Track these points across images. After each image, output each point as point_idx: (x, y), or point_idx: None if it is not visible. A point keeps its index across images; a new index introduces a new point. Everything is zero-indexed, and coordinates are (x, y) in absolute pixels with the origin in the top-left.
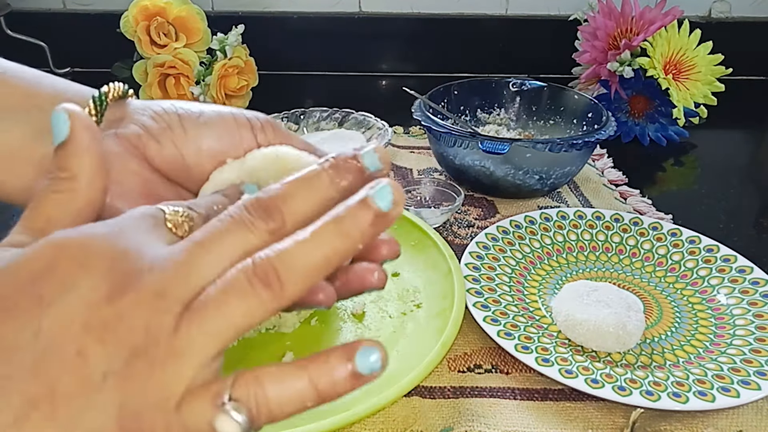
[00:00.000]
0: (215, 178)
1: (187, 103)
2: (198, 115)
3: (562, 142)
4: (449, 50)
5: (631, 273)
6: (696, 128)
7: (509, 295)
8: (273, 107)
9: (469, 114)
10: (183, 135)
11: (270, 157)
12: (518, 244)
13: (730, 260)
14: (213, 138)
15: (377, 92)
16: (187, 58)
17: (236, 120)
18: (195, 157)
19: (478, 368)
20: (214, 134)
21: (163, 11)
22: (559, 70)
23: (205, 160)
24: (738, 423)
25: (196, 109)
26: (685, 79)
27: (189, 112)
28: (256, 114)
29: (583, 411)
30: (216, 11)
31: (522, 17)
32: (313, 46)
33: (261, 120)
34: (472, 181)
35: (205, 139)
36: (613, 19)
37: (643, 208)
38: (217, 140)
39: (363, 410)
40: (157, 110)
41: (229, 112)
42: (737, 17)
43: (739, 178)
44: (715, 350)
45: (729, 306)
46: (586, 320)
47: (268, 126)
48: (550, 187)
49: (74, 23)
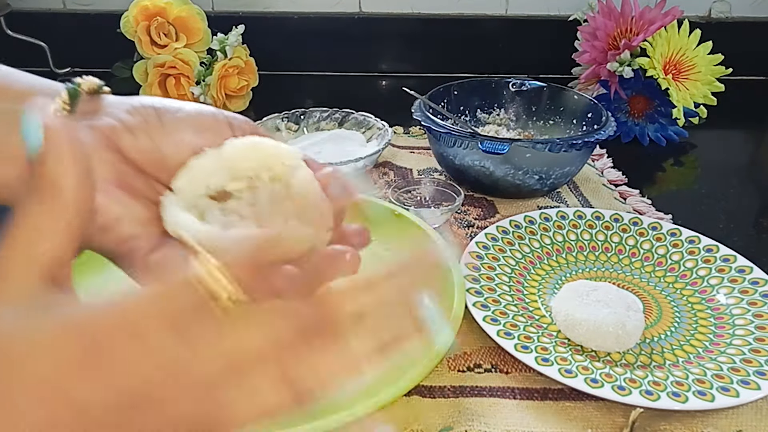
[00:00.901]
0: (193, 165)
1: (167, 100)
2: (176, 110)
3: (561, 142)
4: (449, 50)
5: (631, 273)
6: (696, 128)
7: (509, 294)
8: (273, 107)
9: (469, 114)
10: (160, 128)
11: (248, 146)
12: (518, 244)
13: (729, 260)
14: (192, 131)
15: (377, 92)
16: (188, 58)
17: (215, 117)
18: (173, 148)
19: (478, 368)
20: (193, 128)
21: (163, 11)
22: (559, 70)
23: (183, 153)
24: (737, 423)
25: (175, 105)
26: (684, 79)
27: (167, 107)
28: (235, 114)
29: (582, 410)
30: (216, 11)
31: (522, 17)
32: (313, 46)
33: (240, 119)
34: (472, 181)
35: (184, 133)
36: (613, 19)
37: (642, 208)
38: (196, 134)
39: (363, 410)
40: (135, 104)
41: (208, 110)
42: (737, 17)
43: (739, 178)
44: (714, 350)
45: (728, 306)
46: (585, 320)
47: (246, 126)
48: (550, 187)
49: (74, 23)
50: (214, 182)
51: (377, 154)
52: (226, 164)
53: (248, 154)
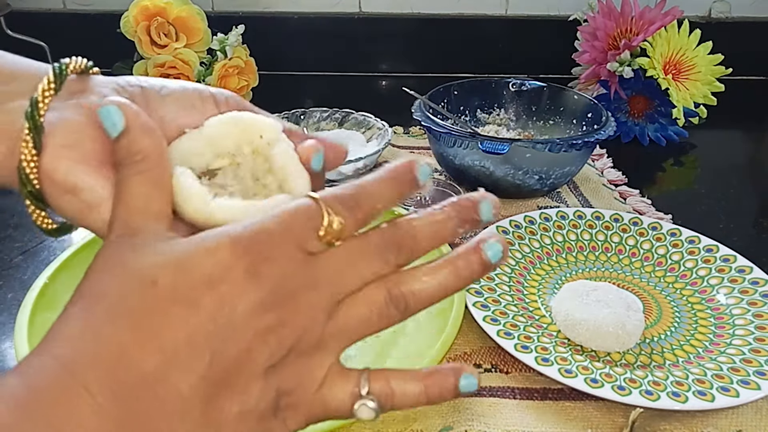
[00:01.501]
0: (175, 147)
1: (153, 78)
2: (161, 88)
3: (561, 142)
4: (449, 50)
5: (631, 273)
6: (695, 128)
7: (509, 294)
8: (273, 107)
9: (468, 114)
10: (145, 106)
11: (227, 122)
12: (518, 244)
13: (729, 260)
14: (176, 109)
15: (377, 92)
16: (188, 58)
17: (200, 94)
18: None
19: (478, 368)
20: (177, 106)
21: (163, 11)
22: (559, 71)
23: (169, 131)
24: (737, 423)
25: (159, 82)
26: (684, 79)
27: (152, 85)
28: (220, 90)
29: (582, 410)
30: (216, 11)
31: (522, 17)
32: (313, 46)
33: (225, 94)
34: (472, 181)
35: (168, 111)
36: (613, 20)
37: (642, 208)
38: (180, 111)
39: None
40: (121, 83)
41: (193, 87)
42: (737, 17)
43: (738, 178)
44: (714, 350)
45: (728, 306)
46: (585, 320)
47: (232, 100)
48: (550, 187)
49: (74, 23)
50: (197, 161)
51: (377, 154)
52: (208, 142)
53: (228, 130)
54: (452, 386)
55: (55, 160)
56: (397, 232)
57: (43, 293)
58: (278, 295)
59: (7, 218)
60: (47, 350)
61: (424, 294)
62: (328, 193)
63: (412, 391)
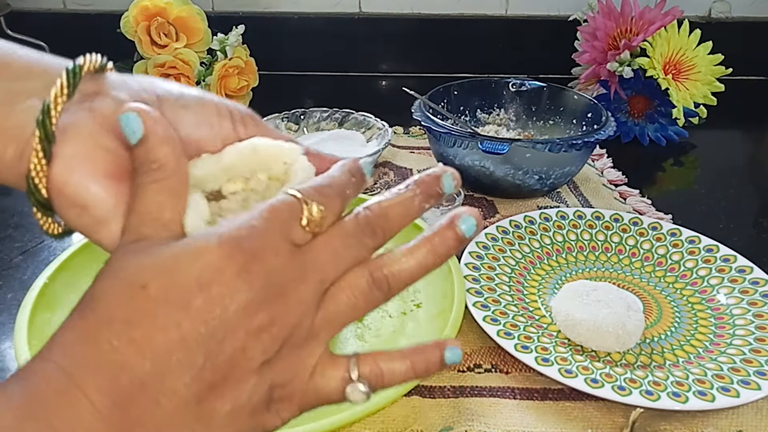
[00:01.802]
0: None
1: (168, 83)
2: (177, 98)
3: (561, 142)
4: (449, 50)
5: (631, 273)
6: (695, 128)
7: (509, 294)
8: (273, 107)
9: (468, 114)
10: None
11: (246, 152)
12: (518, 244)
13: (729, 260)
14: (192, 124)
15: (377, 92)
16: (188, 58)
17: (218, 108)
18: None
19: (478, 368)
20: (193, 120)
21: (163, 11)
22: (559, 71)
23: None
24: (738, 423)
25: (176, 90)
26: (684, 79)
27: (169, 93)
28: (237, 105)
29: (582, 411)
30: (216, 11)
31: (522, 17)
32: (313, 46)
33: (242, 111)
34: (472, 181)
35: (184, 125)
36: (613, 20)
37: (642, 208)
38: (196, 127)
39: (363, 409)
40: (135, 88)
41: (211, 99)
42: (737, 17)
43: (738, 178)
44: (714, 350)
45: (729, 306)
46: (585, 320)
47: (249, 119)
48: (550, 187)
49: (74, 23)
50: (211, 187)
51: (377, 154)
52: (225, 174)
53: (246, 161)
54: (438, 359)
55: (65, 172)
56: (369, 216)
57: (43, 293)
58: (269, 293)
59: (7, 218)
60: (47, 356)
61: (404, 274)
62: (304, 186)
63: (399, 368)
